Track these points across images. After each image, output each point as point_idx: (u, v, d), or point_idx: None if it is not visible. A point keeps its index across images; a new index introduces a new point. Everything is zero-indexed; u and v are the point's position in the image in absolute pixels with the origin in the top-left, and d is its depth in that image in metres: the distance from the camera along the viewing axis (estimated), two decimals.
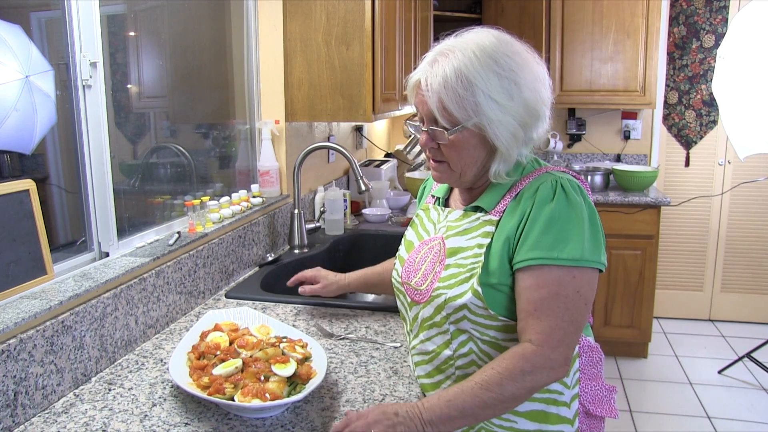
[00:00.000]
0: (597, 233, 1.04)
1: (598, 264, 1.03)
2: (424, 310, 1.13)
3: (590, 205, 1.06)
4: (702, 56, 3.86)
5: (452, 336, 1.11)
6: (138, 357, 1.34)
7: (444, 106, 1.03)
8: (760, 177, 3.86)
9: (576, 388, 1.13)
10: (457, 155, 1.08)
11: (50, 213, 1.42)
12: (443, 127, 1.05)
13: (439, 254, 1.14)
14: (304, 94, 2.18)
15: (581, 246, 1.01)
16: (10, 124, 1.15)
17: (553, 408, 1.10)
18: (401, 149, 3.49)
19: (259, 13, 2.17)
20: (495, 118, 1.03)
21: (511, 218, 1.06)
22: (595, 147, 4.06)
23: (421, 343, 1.16)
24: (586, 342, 1.17)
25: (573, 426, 1.12)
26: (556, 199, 1.03)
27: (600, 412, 1.16)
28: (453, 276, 1.09)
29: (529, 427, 1.10)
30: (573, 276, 1.01)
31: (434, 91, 1.03)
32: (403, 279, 1.20)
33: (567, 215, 1.02)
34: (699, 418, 2.93)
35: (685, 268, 4.11)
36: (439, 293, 1.10)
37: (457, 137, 1.06)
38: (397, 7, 2.42)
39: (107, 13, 1.50)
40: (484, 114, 1.02)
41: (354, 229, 2.45)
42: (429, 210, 1.25)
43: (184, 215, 1.78)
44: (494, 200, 1.11)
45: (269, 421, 1.07)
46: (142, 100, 1.75)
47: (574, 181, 1.08)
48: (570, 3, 3.58)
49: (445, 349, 1.12)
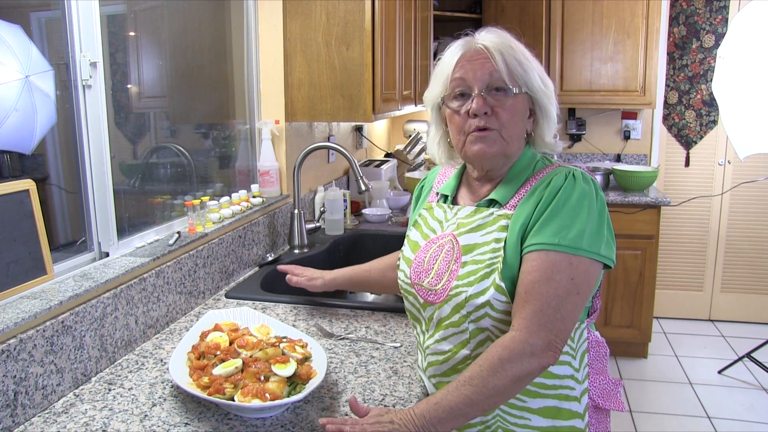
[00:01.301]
0: (602, 226, 1.04)
1: (598, 256, 1.02)
2: (440, 309, 1.12)
3: (601, 198, 1.06)
4: (702, 56, 3.86)
5: (471, 335, 1.09)
6: (138, 357, 1.34)
7: (510, 69, 1.09)
8: (760, 177, 3.86)
9: (586, 383, 1.13)
10: (512, 121, 1.11)
11: (50, 213, 1.42)
12: (505, 90, 1.09)
13: (452, 252, 1.12)
14: (304, 94, 2.18)
15: (582, 234, 1.01)
16: (10, 124, 1.15)
17: (565, 403, 1.10)
18: (401, 149, 3.49)
19: (259, 13, 2.17)
20: (540, 92, 1.11)
21: (524, 210, 1.07)
22: (595, 147, 4.06)
23: (436, 342, 1.14)
24: (594, 337, 1.17)
25: (584, 420, 1.12)
26: (565, 186, 1.05)
27: (608, 406, 1.16)
28: (472, 273, 1.08)
29: (543, 423, 1.09)
30: (570, 263, 1.00)
31: (505, 53, 1.09)
32: (413, 280, 1.18)
33: (574, 203, 1.03)
34: (699, 418, 2.93)
35: (685, 268, 4.11)
36: (458, 291, 1.08)
37: (517, 101, 1.10)
38: (397, 7, 2.42)
39: (107, 13, 1.50)
40: (534, 85, 1.10)
41: (354, 229, 2.45)
42: (432, 208, 1.24)
43: (184, 215, 1.78)
44: (509, 194, 1.11)
45: (269, 421, 1.07)
46: (142, 100, 1.75)
47: (587, 174, 1.09)
48: (570, 3, 3.58)
49: (462, 349, 1.10)
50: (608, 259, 1.04)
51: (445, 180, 1.28)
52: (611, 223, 1.08)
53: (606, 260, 1.04)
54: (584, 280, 1.02)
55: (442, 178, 1.30)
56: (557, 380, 1.09)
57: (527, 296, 1.00)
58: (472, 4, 3.89)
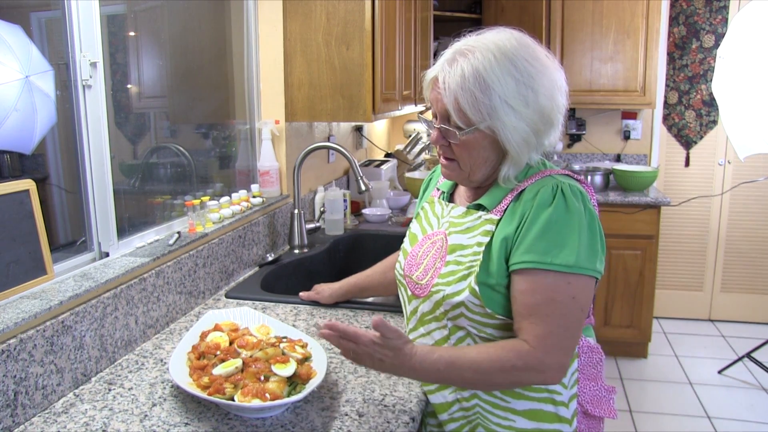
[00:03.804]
0: (594, 240, 1.03)
1: (593, 272, 1.02)
2: (423, 304, 1.15)
3: (591, 211, 1.05)
4: (702, 56, 3.86)
5: (450, 332, 1.12)
6: (138, 357, 1.34)
7: (459, 107, 1.03)
8: (760, 177, 3.86)
9: (574, 389, 1.14)
10: (468, 155, 1.08)
11: (50, 213, 1.42)
12: (456, 127, 1.06)
13: (440, 250, 1.14)
14: (304, 94, 2.18)
15: (576, 252, 1.00)
16: (10, 124, 1.15)
17: (551, 407, 1.10)
18: (401, 149, 3.49)
19: (259, 13, 2.17)
20: (509, 123, 1.03)
21: (510, 219, 1.07)
22: (595, 147, 4.06)
23: (421, 336, 1.17)
24: (586, 343, 1.17)
25: (571, 426, 1.12)
26: (555, 204, 1.03)
27: (598, 413, 1.16)
28: (452, 273, 1.10)
29: (527, 425, 1.10)
30: (568, 282, 1.01)
31: (451, 90, 1.03)
32: (405, 272, 1.21)
33: (564, 221, 1.02)
34: (699, 418, 2.93)
35: (685, 268, 4.11)
36: (438, 289, 1.11)
37: (469, 138, 1.06)
38: (397, 7, 2.42)
39: (107, 13, 1.50)
40: (499, 118, 1.02)
41: (354, 229, 2.45)
42: (434, 203, 1.26)
43: (184, 215, 1.78)
44: (496, 199, 1.11)
45: (269, 421, 1.07)
46: (142, 100, 1.75)
47: (576, 186, 1.07)
48: (570, 3, 3.58)
49: (444, 344, 1.13)
50: (600, 273, 1.05)
51: None
52: (603, 233, 1.07)
53: (599, 274, 1.04)
54: (584, 296, 1.03)
55: None
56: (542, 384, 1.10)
57: (533, 317, 1.01)
58: (472, 4, 3.89)
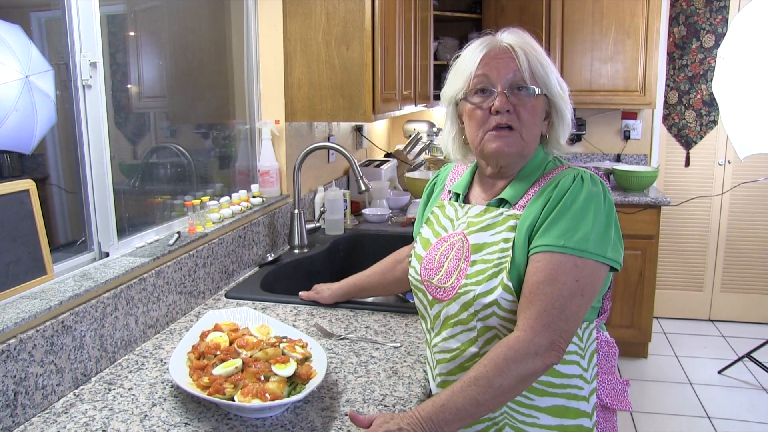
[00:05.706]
0: (609, 228, 1.04)
1: (604, 258, 1.02)
2: (448, 307, 1.12)
3: (609, 200, 1.07)
4: (702, 56, 3.86)
5: (479, 333, 1.10)
6: (138, 357, 1.34)
7: (533, 70, 1.10)
8: (760, 177, 3.86)
9: (594, 383, 1.14)
10: (533, 121, 1.12)
11: (50, 213, 1.42)
12: (527, 90, 1.10)
13: (462, 251, 1.13)
14: (304, 94, 2.18)
15: (588, 237, 1.01)
16: (10, 124, 1.15)
17: (573, 402, 1.10)
18: (401, 149, 3.49)
19: (259, 13, 2.17)
20: (558, 97, 1.13)
21: (532, 210, 1.08)
22: (595, 147, 4.06)
23: (444, 341, 1.14)
24: (603, 337, 1.17)
25: (591, 420, 1.12)
26: (573, 188, 1.05)
27: (616, 405, 1.17)
28: (480, 272, 1.09)
29: (551, 422, 1.10)
30: (575, 264, 1.01)
31: (528, 54, 1.10)
32: (423, 277, 1.19)
33: (581, 205, 1.03)
34: (699, 418, 2.93)
35: (685, 268, 4.11)
36: (467, 290, 1.09)
37: (537, 102, 1.11)
38: (397, 7, 2.42)
39: (107, 13, 1.50)
40: (553, 90, 1.12)
41: (354, 229, 2.45)
42: (444, 206, 1.25)
43: (184, 215, 1.78)
44: (518, 194, 1.12)
45: (269, 421, 1.07)
46: (142, 100, 1.75)
47: (596, 176, 1.10)
48: (570, 3, 3.58)
49: (470, 347, 1.11)
50: (615, 262, 1.05)
51: (457, 178, 1.28)
52: (619, 225, 1.08)
53: (612, 263, 1.04)
54: (589, 282, 1.02)
55: (454, 176, 1.31)
56: (565, 379, 1.09)
57: (532, 297, 1.01)
58: (472, 4, 3.89)
